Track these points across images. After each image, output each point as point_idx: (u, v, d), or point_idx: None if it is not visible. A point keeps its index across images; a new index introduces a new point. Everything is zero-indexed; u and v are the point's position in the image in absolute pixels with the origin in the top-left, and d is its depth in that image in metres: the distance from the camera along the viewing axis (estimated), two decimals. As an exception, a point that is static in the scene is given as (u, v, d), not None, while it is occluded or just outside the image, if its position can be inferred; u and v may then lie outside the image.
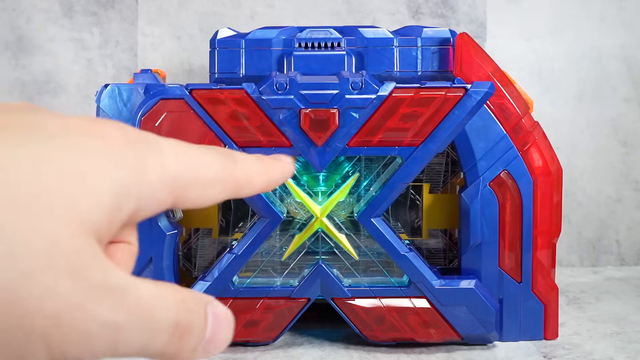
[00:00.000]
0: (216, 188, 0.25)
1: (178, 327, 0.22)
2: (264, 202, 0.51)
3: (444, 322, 0.51)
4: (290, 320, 0.52)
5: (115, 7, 0.79)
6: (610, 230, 0.82)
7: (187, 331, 0.23)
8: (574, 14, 0.81)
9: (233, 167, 0.26)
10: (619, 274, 0.78)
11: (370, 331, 0.52)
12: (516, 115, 0.52)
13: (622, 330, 0.56)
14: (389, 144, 0.50)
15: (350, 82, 0.49)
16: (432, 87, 0.49)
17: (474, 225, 0.52)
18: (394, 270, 0.53)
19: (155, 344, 0.22)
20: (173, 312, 0.22)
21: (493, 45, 0.80)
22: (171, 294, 0.22)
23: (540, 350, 0.51)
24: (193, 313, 0.23)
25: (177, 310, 0.22)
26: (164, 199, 0.23)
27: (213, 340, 0.24)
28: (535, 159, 0.52)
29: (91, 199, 0.20)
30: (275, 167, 0.28)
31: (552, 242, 0.53)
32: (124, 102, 0.52)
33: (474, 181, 0.52)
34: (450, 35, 0.56)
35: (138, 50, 0.80)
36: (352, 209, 0.53)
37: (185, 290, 0.23)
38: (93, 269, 0.20)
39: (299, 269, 0.54)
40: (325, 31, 0.56)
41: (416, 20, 0.79)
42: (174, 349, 0.22)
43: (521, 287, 0.53)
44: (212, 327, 0.24)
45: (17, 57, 0.80)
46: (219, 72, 0.56)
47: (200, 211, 0.58)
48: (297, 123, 0.49)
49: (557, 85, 0.81)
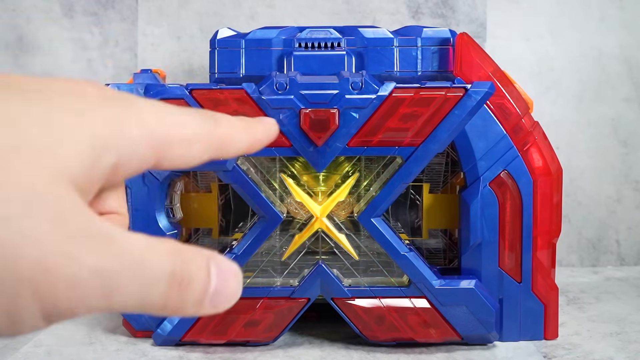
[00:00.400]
0: (199, 145, 0.25)
1: (175, 277, 0.21)
2: (264, 202, 0.51)
3: (444, 322, 0.51)
4: (290, 320, 0.52)
5: (115, 7, 0.79)
6: (610, 230, 0.82)
7: (187, 282, 0.22)
8: (574, 14, 0.81)
9: (215, 124, 0.25)
10: (619, 274, 0.78)
11: (370, 331, 0.52)
12: (516, 115, 0.52)
13: (622, 330, 0.56)
14: (389, 144, 0.50)
15: (350, 82, 0.49)
16: (432, 87, 0.49)
17: (474, 225, 0.52)
18: (394, 270, 0.53)
19: (152, 296, 0.21)
20: (166, 261, 0.21)
21: (493, 45, 0.80)
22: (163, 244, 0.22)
23: (540, 350, 0.51)
24: (190, 264, 0.22)
25: (171, 259, 0.21)
26: (146, 155, 0.23)
27: (220, 292, 0.23)
28: (535, 159, 0.52)
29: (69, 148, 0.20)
30: (258, 126, 0.28)
31: (552, 242, 0.53)
32: (124, 102, 0.52)
33: (474, 181, 0.52)
34: (450, 35, 0.56)
35: (138, 50, 0.80)
36: (352, 209, 0.53)
37: (181, 244, 0.23)
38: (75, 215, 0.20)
39: (299, 269, 0.54)
40: (325, 31, 0.56)
41: (416, 20, 0.79)
42: (175, 302, 0.22)
43: (521, 287, 0.53)
44: (216, 279, 0.23)
45: (17, 57, 0.80)
46: (219, 72, 0.56)
47: (200, 211, 0.58)
48: (297, 123, 0.49)
49: (557, 85, 0.81)
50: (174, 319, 0.51)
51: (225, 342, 0.52)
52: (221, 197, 0.59)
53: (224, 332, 0.52)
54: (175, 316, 0.23)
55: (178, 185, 0.56)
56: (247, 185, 0.51)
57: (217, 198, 0.58)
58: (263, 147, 0.28)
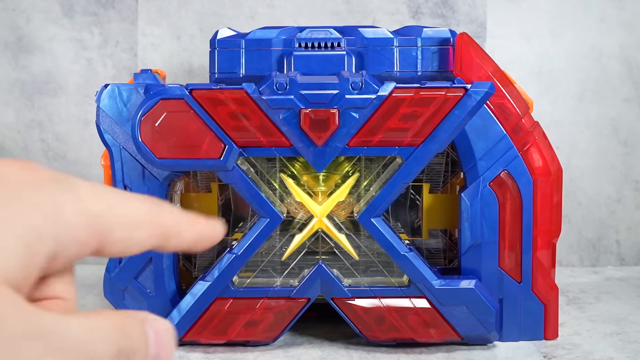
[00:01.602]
0: (143, 231, 0.24)
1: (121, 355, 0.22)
2: (264, 202, 0.51)
3: (444, 322, 0.51)
4: (290, 320, 0.52)
5: (115, 7, 0.79)
6: (610, 230, 0.82)
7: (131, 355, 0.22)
8: (574, 14, 0.81)
9: (160, 212, 0.25)
10: (619, 274, 0.78)
11: (370, 331, 0.52)
12: (516, 115, 0.52)
13: (622, 330, 0.56)
14: (389, 144, 0.50)
15: (350, 82, 0.49)
16: (432, 87, 0.49)
17: (474, 225, 0.52)
18: (394, 270, 0.53)
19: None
20: (111, 342, 0.21)
21: (493, 45, 0.80)
22: (105, 323, 0.22)
23: (540, 350, 0.51)
24: (133, 336, 0.22)
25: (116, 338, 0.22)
26: (86, 241, 0.22)
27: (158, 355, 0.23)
28: (535, 159, 0.52)
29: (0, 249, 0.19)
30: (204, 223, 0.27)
31: (552, 242, 0.53)
32: (124, 102, 0.52)
33: (474, 181, 0.52)
34: (450, 35, 0.56)
35: (138, 50, 0.80)
36: (352, 209, 0.53)
37: (118, 314, 0.23)
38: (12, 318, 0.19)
39: (299, 269, 0.54)
40: (325, 31, 0.56)
41: (416, 20, 0.79)
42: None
43: (521, 287, 0.53)
44: (154, 343, 0.23)
45: (17, 57, 0.80)
46: (219, 72, 0.56)
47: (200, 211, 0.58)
48: (297, 123, 0.49)
49: (557, 85, 0.81)
50: (174, 318, 0.51)
51: (225, 342, 0.52)
52: (221, 197, 0.60)
53: (223, 332, 0.52)
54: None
55: (178, 185, 0.56)
56: (247, 185, 0.51)
57: (217, 198, 0.58)
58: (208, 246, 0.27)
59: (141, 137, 0.49)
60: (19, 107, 0.80)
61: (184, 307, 0.52)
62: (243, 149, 0.50)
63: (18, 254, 0.20)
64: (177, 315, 0.51)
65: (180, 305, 0.52)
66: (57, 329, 0.20)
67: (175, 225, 0.25)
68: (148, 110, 0.49)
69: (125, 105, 0.52)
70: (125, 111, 0.52)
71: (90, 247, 0.23)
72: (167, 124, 0.49)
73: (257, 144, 0.50)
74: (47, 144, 0.81)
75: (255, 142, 0.50)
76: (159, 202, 0.25)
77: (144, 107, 0.49)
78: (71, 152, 0.81)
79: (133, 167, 0.52)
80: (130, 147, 0.52)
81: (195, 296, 0.51)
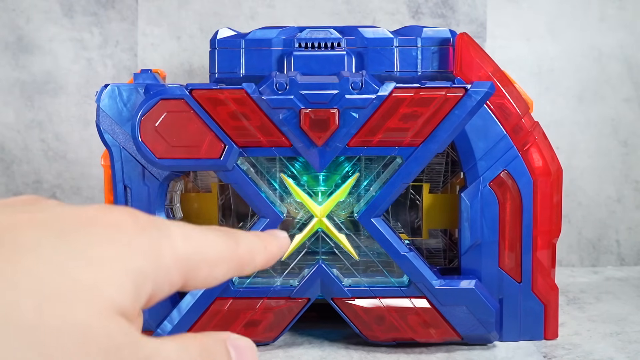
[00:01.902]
0: (222, 267, 0.26)
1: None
2: (264, 202, 0.51)
3: (444, 322, 0.51)
4: (290, 320, 0.52)
5: (115, 7, 0.79)
6: (610, 230, 0.82)
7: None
8: (574, 14, 0.81)
9: (236, 246, 0.27)
10: (619, 274, 0.78)
11: (370, 331, 0.52)
12: (516, 115, 0.52)
13: (622, 330, 0.56)
14: (389, 144, 0.50)
15: (350, 82, 0.49)
16: (432, 87, 0.49)
17: (474, 225, 0.52)
18: (394, 270, 0.53)
19: None
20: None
21: (493, 45, 0.80)
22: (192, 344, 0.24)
23: (540, 350, 0.51)
24: (217, 355, 0.25)
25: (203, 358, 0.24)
26: (176, 281, 0.25)
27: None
28: (535, 159, 0.52)
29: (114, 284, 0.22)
30: (273, 244, 0.29)
31: (552, 242, 0.53)
32: (124, 102, 0.52)
33: (474, 181, 0.52)
34: (450, 35, 0.56)
35: (138, 50, 0.80)
36: (352, 209, 0.53)
37: (202, 336, 0.25)
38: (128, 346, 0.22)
39: (299, 269, 0.54)
40: (325, 31, 0.56)
41: (416, 20, 0.79)
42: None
43: (521, 287, 0.53)
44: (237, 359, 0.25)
45: (17, 57, 0.80)
46: (219, 72, 0.56)
47: (200, 211, 0.58)
48: (297, 123, 0.49)
49: (557, 85, 0.81)
50: (174, 318, 0.51)
51: (225, 342, 0.52)
52: (221, 197, 0.60)
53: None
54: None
55: (178, 185, 0.56)
56: (247, 185, 0.51)
57: (217, 198, 0.58)
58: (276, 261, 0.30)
59: (141, 137, 0.49)
60: (19, 107, 0.80)
61: (184, 307, 0.52)
62: (243, 149, 0.50)
63: (129, 292, 0.22)
64: (177, 315, 0.51)
65: (180, 305, 0.52)
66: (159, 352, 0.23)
67: (249, 254, 0.28)
68: (148, 110, 0.49)
69: (125, 105, 0.52)
70: (125, 111, 0.52)
71: (177, 286, 0.25)
72: (167, 124, 0.49)
73: (257, 144, 0.50)
74: (47, 144, 0.81)
75: (255, 142, 0.50)
76: (233, 232, 0.28)
77: (144, 107, 0.49)
78: (71, 152, 0.81)
79: (133, 167, 0.52)
80: (130, 147, 0.52)
81: (195, 296, 0.51)
